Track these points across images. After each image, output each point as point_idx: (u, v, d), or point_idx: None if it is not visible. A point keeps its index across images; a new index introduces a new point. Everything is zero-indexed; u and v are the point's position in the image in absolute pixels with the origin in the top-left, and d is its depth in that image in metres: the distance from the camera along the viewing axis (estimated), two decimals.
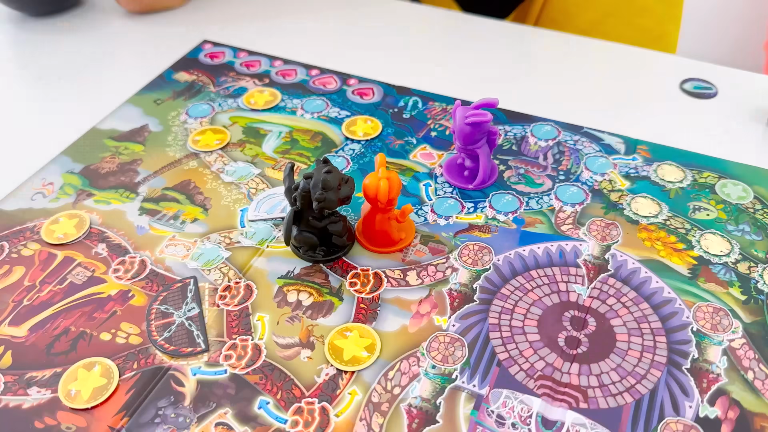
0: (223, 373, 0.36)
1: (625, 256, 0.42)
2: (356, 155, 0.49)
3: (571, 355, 0.37)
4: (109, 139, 0.51)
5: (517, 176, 0.47)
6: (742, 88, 0.57)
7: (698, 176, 0.47)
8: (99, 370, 0.36)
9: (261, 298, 0.40)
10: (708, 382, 0.36)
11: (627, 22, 0.70)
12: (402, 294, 0.40)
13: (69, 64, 0.60)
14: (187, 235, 0.43)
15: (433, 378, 0.36)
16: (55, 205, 0.46)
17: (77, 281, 0.41)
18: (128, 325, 0.39)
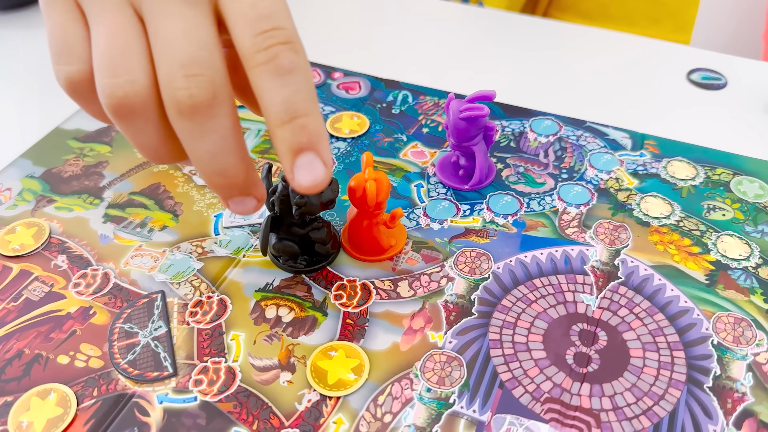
0: (193, 401, 0.32)
1: (636, 262, 0.38)
2: (342, 154, 0.45)
3: (581, 375, 0.33)
4: (73, 140, 0.47)
5: (516, 175, 0.44)
6: (752, 78, 0.53)
7: (711, 173, 0.44)
8: (54, 398, 0.33)
9: (236, 315, 0.36)
10: (733, 402, 0.32)
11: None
12: (393, 307, 0.36)
13: (32, 59, 0.56)
14: (155, 245, 0.39)
15: (428, 403, 0.32)
16: (11, 213, 0.42)
17: (34, 297, 0.37)
18: (88, 346, 0.35)
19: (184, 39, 0.26)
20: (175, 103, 0.26)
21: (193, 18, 0.26)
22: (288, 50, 0.26)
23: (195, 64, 0.26)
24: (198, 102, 0.26)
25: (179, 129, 0.26)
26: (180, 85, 0.25)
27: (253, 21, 0.26)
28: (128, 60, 0.26)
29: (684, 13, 0.72)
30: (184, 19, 0.26)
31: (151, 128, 0.27)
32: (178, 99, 0.26)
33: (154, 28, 0.26)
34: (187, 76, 0.25)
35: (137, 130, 0.27)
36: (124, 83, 0.26)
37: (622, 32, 0.59)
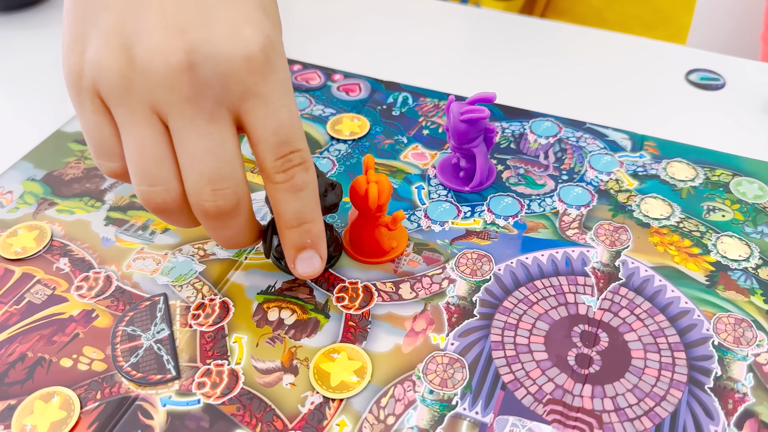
0: (196, 404, 0.32)
1: (636, 263, 0.38)
2: (342, 156, 0.45)
3: (582, 376, 0.33)
4: (74, 143, 0.47)
5: (516, 177, 0.44)
6: (750, 78, 0.53)
7: (711, 174, 0.44)
8: (58, 401, 0.33)
9: (238, 317, 0.36)
10: (734, 402, 0.32)
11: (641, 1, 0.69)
12: (395, 309, 0.36)
13: (33, 62, 0.56)
14: (156, 247, 0.40)
15: (431, 405, 0.32)
16: (13, 216, 0.42)
17: (36, 300, 0.37)
18: (91, 349, 0.35)
19: (210, 156, 0.29)
20: (203, 211, 0.30)
21: (218, 135, 0.29)
22: (302, 171, 0.31)
23: (221, 179, 0.29)
24: (223, 210, 0.30)
25: (204, 225, 0.31)
26: (207, 198, 0.29)
27: (274, 147, 0.30)
28: (162, 171, 0.29)
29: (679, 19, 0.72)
30: (209, 138, 0.29)
31: (184, 218, 0.31)
32: (206, 209, 0.30)
33: (182, 144, 0.29)
34: (214, 191, 0.29)
35: (171, 219, 0.31)
36: (161, 191, 0.30)
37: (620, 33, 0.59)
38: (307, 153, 0.31)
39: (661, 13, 0.71)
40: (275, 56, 0.30)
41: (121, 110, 0.29)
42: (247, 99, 0.29)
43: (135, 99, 0.29)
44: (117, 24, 0.29)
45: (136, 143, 0.29)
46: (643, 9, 0.70)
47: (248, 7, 0.30)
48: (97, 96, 0.30)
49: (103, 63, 0.29)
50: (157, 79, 0.28)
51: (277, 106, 0.30)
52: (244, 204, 0.31)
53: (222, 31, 0.29)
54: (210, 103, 0.29)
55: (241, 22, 0.29)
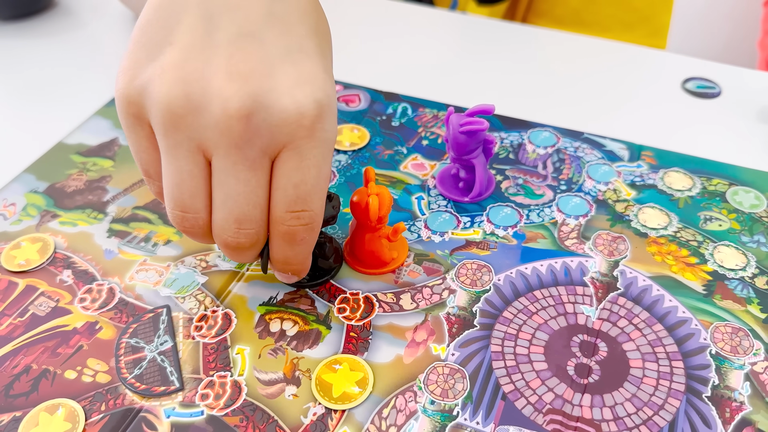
0: (200, 415, 0.33)
1: (634, 273, 0.39)
2: (343, 167, 0.46)
3: (582, 385, 0.34)
4: (76, 155, 0.47)
5: (515, 187, 0.44)
6: (746, 86, 0.54)
7: (708, 183, 0.44)
8: (63, 413, 0.33)
9: (241, 328, 0.36)
10: (731, 411, 0.33)
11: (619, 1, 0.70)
12: (395, 320, 0.37)
13: (35, 72, 0.56)
14: (159, 259, 0.40)
15: (432, 415, 0.32)
16: (16, 228, 0.42)
17: (40, 313, 0.37)
18: (95, 361, 0.35)
19: (243, 200, 0.31)
20: (223, 242, 0.32)
21: (254, 183, 0.30)
22: (306, 230, 0.32)
23: (247, 221, 0.31)
24: (242, 246, 0.32)
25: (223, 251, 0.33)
26: (231, 235, 0.31)
27: (290, 200, 0.31)
28: (195, 202, 0.31)
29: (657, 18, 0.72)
30: (246, 184, 0.30)
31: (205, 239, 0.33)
32: (227, 242, 0.32)
33: (220, 182, 0.31)
34: (239, 230, 0.31)
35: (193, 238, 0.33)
36: (192, 218, 0.31)
37: (617, 41, 0.59)
38: (319, 216, 0.32)
39: (639, 13, 0.71)
40: (327, 117, 0.31)
41: (166, 141, 0.30)
42: (288, 149, 0.30)
43: (182, 134, 0.30)
44: (179, 60, 0.30)
45: (175, 174, 0.31)
46: (620, 9, 0.70)
47: (313, 67, 0.31)
48: (146, 123, 0.31)
49: (156, 95, 0.30)
50: (210, 121, 0.29)
51: (310, 164, 0.31)
52: (261, 241, 0.33)
53: (284, 85, 0.30)
54: (255, 153, 0.30)
55: (304, 79, 0.30)
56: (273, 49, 0.30)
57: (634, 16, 0.71)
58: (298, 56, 0.31)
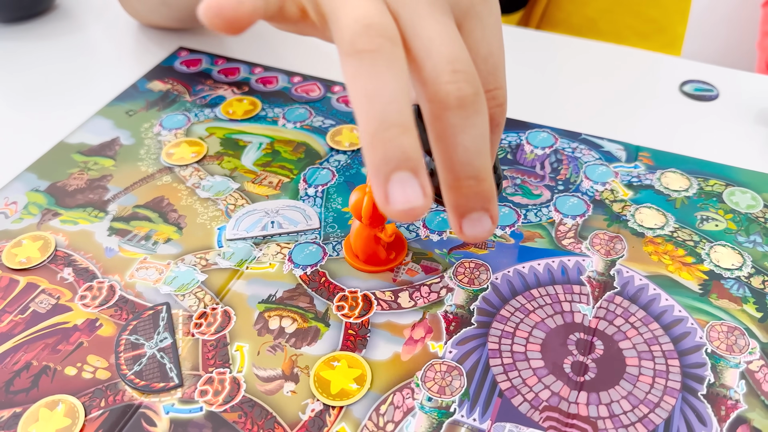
0: (199, 411, 0.33)
1: (631, 272, 0.39)
2: (342, 167, 0.46)
3: (578, 383, 0.34)
4: (77, 154, 0.47)
5: (513, 187, 0.44)
6: (743, 89, 0.54)
7: (704, 184, 0.45)
8: (63, 409, 0.33)
9: (240, 326, 0.37)
10: (726, 409, 0.33)
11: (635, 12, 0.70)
12: (393, 318, 0.37)
13: (37, 73, 0.56)
14: (159, 257, 0.40)
15: (430, 412, 0.33)
16: (18, 227, 0.42)
17: (41, 310, 0.38)
18: (95, 357, 0.35)
19: (449, 40, 0.27)
20: (444, 96, 0.26)
21: (452, 27, 0.27)
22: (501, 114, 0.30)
23: (460, 61, 0.27)
24: (464, 95, 0.26)
25: (444, 124, 0.27)
26: (448, 79, 0.26)
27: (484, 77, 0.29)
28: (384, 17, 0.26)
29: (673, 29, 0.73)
30: (445, 25, 0.27)
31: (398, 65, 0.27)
32: (447, 91, 0.26)
33: (417, 29, 0.27)
34: (455, 71, 0.26)
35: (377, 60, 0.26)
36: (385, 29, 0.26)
37: (614, 44, 0.60)
38: (506, 94, 0.30)
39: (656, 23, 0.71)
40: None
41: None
42: (470, 17, 0.29)
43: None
44: None
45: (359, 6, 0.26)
46: (637, 19, 0.71)
47: None
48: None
49: None
50: None
51: (492, 33, 0.29)
52: (483, 98, 0.27)
53: None
54: (443, 5, 0.28)
55: None
56: None
57: (650, 27, 0.71)
58: None
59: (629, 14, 0.70)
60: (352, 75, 0.25)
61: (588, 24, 0.71)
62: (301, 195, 0.44)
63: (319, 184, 0.45)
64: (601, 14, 0.71)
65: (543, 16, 0.74)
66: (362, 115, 0.25)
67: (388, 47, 0.25)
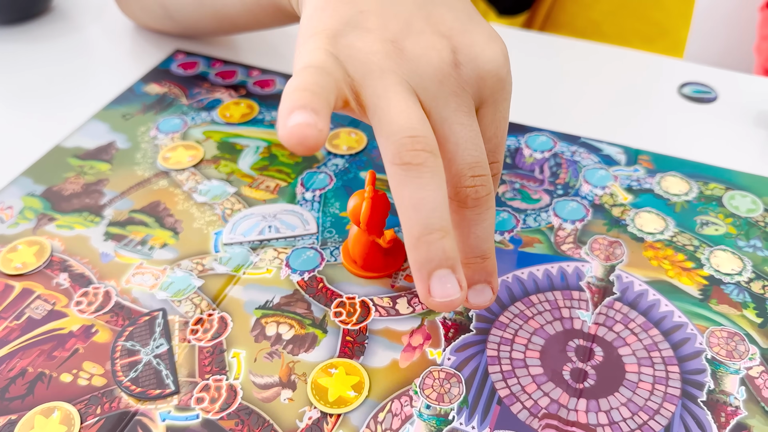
0: (195, 418, 0.33)
1: (631, 278, 0.39)
2: (340, 171, 0.46)
3: (577, 390, 0.34)
4: (73, 158, 0.47)
5: (512, 191, 0.44)
6: (743, 91, 0.54)
7: (704, 188, 0.44)
8: (58, 416, 0.33)
9: (237, 332, 0.36)
10: (726, 415, 0.33)
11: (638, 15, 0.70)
12: (392, 324, 0.37)
13: (32, 76, 0.56)
14: (155, 263, 0.40)
15: (428, 420, 0.32)
16: (13, 231, 0.42)
17: (36, 316, 0.37)
18: (91, 364, 0.35)
19: (472, 145, 0.31)
20: (463, 197, 0.31)
21: (475, 128, 0.31)
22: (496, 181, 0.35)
23: (480, 167, 0.31)
24: (480, 197, 0.31)
25: (461, 216, 0.32)
26: (468, 184, 0.31)
27: None
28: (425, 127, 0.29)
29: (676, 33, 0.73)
30: (470, 129, 0.31)
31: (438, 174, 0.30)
32: (467, 194, 0.31)
33: (446, 134, 0.31)
34: (474, 177, 0.31)
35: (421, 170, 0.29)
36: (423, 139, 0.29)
37: (613, 46, 0.60)
38: (501, 166, 0.35)
39: (660, 27, 0.71)
40: (510, 77, 0.33)
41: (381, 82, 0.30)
42: (487, 104, 0.33)
43: (398, 76, 0.31)
44: (380, 24, 0.32)
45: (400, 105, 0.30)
46: (641, 22, 0.71)
47: (491, 26, 0.34)
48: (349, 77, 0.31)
49: (366, 48, 0.31)
50: (428, 70, 0.31)
51: (501, 116, 0.33)
52: (493, 197, 0.32)
53: (481, 40, 0.32)
54: (468, 100, 0.32)
55: (494, 36, 0.33)
56: (458, 12, 0.33)
57: (654, 30, 0.71)
58: (478, 18, 0.34)
59: (633, 17, 0.70)
60: (399, 183, 0.29)
61: (592, 27, 0.71)
62: (299, 199, 0.44)
63: (317, 188, 0.44)
64: (604, 17, 0.70)
65: (547, 18, 0.74)
66: (408, 221, 0.29)
67: (432, 161, 0.29)
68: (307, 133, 0.26)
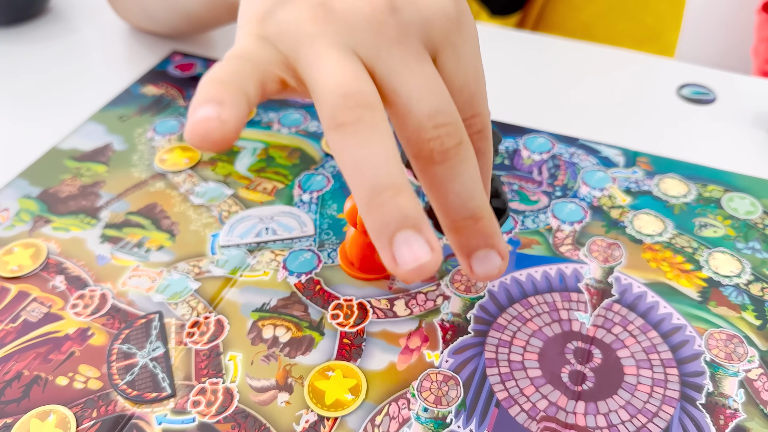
0: (191, 422, 0.32)
1: (629, 279, 0.39)
2: (337, 173, 0.46)
3: (576, 393, 0.34)
4: (70, 160, 0.47)
5: (510, 193, 0.44)
6: (741, 92, 0.54)
7: (703, 190, 0.44)
8: (54, 419, 0.33)
9: (233, 335, 0.36)
10: (725, 418, 0.33)
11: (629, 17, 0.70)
12: (389, 326, 0.36)
13: (28, 78, 0.56)
14: (152, 265, 0.40)
15: (426, 423, 0.32)
16: (9, 234, 0.42)
17: (32, 318, 0.37)
18: (87, 367, 0.35)
19: (427, 92, 0.27)
20: (428, 153, 0.27)
21: (430, 72, 0.28)
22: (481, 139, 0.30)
23: (440, 114, 0.27)
24: (447, 148, 0.27)
25: (432, 177, 0.28)
26: (430, 136, 0.27)
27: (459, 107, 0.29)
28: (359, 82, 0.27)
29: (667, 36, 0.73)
30: (423, 75, 0.28)
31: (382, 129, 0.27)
32: (431, 148, 0.27)
33: (395, 84, 0.27)
34: (436, 126, 0.27)
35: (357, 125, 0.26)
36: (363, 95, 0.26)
37: (612, 47, 0.59)
38: (488, 121, 0.30)
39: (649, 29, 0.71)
40: (467, 17, 0.30)
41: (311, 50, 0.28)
42: (443, 48, 0.29)
43: (329, 38, 0.28)
44: None
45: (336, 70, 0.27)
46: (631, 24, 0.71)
47: None
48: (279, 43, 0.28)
49: (293, 18, 0.28)
50: (362, 22, 0.28)
51: (467, 62, 0.29)
52: (468, 144, 0.28)
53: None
54: (415, 44, 0.28)
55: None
56: None
57: (644, 33, 0.71)
58: None
59: (624, 20, 0.70)
60: (338, 148, 0.26)
61: (582, 29, 0.71)
62: (296, 201, 0.44)
63: (314, 190, 0.44)
64: (595, 19, 0.70)
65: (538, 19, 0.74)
66: (354, 185, 0.26)
67: (368, 115, 0.26)
68: (209, 127, 0.24)
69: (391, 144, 0.26)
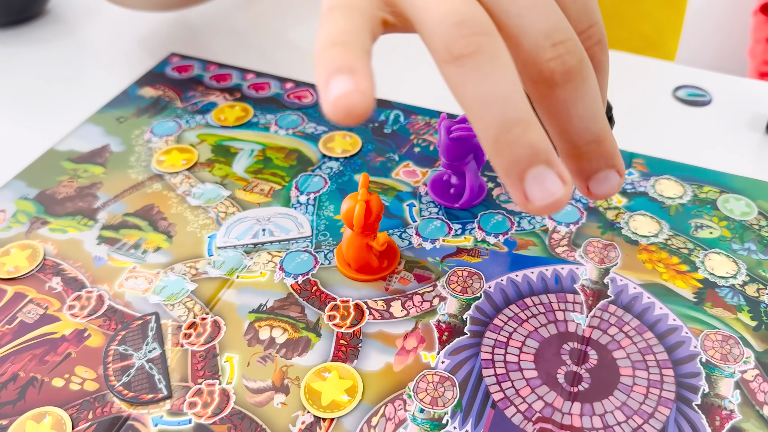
0: (188, 423, 0.32)
1: (625, 281, 0.39)
2: (334, 174, 0.46)
3: (571, 394, 0.34)
4: (67, 161, 0.47)
5: (506, 194, 0.44)
6: (736, 94, 0.54)
7: (699, 191, 0.44)
8: (50, 421, 0.33)
9: (230, 336, 0.36)
10: (721, 419, 0.33)
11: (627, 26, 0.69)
12: (386, 327, 0.36)
13: (26, 79, 0.56)
14: (149, 266, 0.40)
15: (422, 424, 0.32)
16: (6, 235, 0.42)
17: (28, 320, 0.37)
18: (83, 369, 0.35)
19: (543, 8, 0.25)
20: (549, 75, 0.25)
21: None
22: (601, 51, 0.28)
23: (558, 31, 0.25)
24: (570, 68, 0.25)
25: (553, 101, 0.26)
26: (549, 56, 0.25)
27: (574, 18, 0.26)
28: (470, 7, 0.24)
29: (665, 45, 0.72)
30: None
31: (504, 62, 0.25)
32: (552, 69, 0.25)
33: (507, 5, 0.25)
34: (555, 45, 0.25)
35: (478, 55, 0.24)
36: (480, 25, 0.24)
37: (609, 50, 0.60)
38: (604, 30, 0.28)
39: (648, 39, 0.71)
40: None
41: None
42: None
43: None
44: None
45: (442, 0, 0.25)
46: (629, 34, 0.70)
47: None
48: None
49: None
50: None
51: None
52: (588, 64, 0.26)
53: None
54: None
55: None
56: None
57: (642, 42, 0.70)
58: None
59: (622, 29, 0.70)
60: (457, 83, 0.24)
61: None
62: (293, 202, 0.44)
63: (311, 191, 0.44)
64: None
65: None
66: (479, 123, 0.24)
67: (488, 43, 0.23)
68: (351, 102, 0.23)
69: (515, 73, 0.24)
